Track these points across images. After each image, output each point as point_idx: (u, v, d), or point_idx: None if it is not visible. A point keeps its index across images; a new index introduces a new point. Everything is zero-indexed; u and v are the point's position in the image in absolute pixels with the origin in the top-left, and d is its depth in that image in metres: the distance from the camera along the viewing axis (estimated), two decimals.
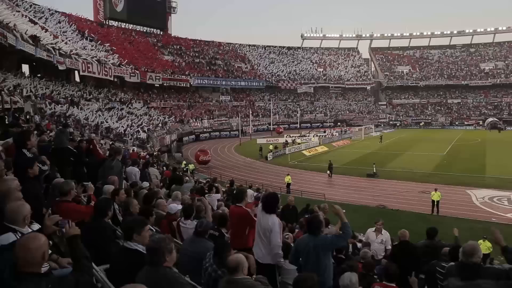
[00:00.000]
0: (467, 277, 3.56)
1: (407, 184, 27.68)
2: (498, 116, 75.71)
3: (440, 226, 18.23)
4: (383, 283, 4.74)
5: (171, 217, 6.02)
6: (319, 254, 4.40)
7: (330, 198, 23.53)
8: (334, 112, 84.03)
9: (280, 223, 4.96)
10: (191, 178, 10.46)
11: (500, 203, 22.61)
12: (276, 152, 42.67)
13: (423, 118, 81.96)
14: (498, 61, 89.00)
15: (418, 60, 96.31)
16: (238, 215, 5.57)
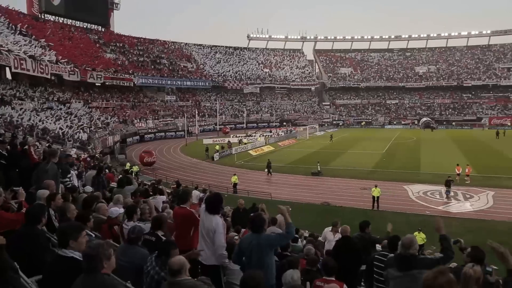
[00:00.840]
0: (404, 268, 3.80)
1: (349, 181, 28.78)
2: (431, 116, 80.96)
3: (380, 221, 19.21)
4: (323, 278, 4.89)
5: (112, 221, 5.81)
6: (262, 253, 4.44)
7: (276, 197, 23.91)
8: (280, 112, 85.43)
9: (224, 224, 4.97)
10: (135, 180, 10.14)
11: (433, 197, 24.18)
12: (223, 152, 42.60)
13: (364, 118, 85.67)
14: (430, 65, 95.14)
15: (360, 63, 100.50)
16: (183, 216, 5.50)
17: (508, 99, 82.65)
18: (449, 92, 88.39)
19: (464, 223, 19.14)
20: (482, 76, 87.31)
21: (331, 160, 37.21)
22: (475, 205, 22.39)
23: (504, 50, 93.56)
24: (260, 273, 3.27)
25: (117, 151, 41.41)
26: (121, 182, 9.09)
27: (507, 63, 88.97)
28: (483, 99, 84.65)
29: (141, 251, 4.37)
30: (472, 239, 15.56)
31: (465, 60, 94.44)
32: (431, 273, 2.17)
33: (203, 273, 4.79)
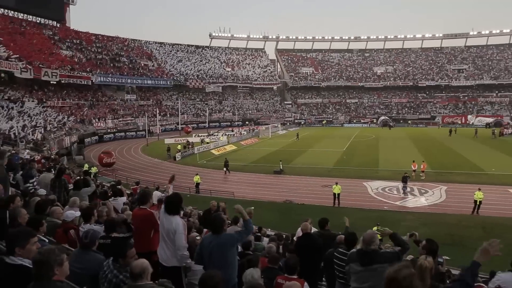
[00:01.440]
0: (366, 262, 3.93)
1: (311, 179, 29.27)
2: (388, 114, 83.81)
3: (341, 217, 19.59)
4: (284, 276, 4.93)
5: (68, 225, 5.58)
6: (223, 252, 4.44)
7: (239, 196, 23.94)
8: (242, 111, 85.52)
9: (184, 224, 4.90)
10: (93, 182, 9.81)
11: (390, 192, 25.07)
12: (185, 152, 42.12)
13: (325, 116, 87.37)
14: (388, 66, 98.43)
15: (321, 62, 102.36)
16: (142, 218, 5.39)
17: (459, 98, 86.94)
18: (405, 91, 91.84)
19: (419, 217, 19.99)
20: (435, 76, 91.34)
21: (293, 159, 37.68)
22: (430, 199, 23.42)
23: (454, 52, 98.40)
24: (219, 273, 3.26)
25: (75, 152, 39.95)
26: (77, 184, 8.77)
27: (457, 65, 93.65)
28: (436, 99, 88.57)
29: (96, 256, 4.22)
30: (427, 232, 16.28)
31: (420, 61, 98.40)
32: (395, 267, 2.25)
33: (164, 275, 4.71)
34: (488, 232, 17.62)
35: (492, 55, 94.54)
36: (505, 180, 27.41)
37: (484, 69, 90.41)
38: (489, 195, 22.19)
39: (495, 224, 18.67)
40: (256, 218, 18.01)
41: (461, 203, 21.89)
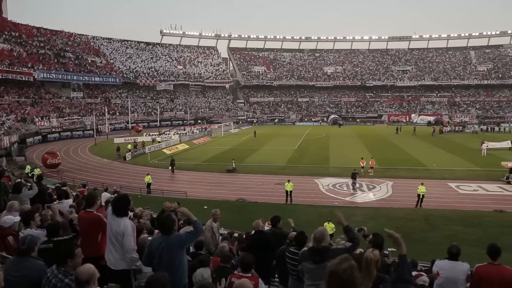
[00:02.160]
0: (318, 260, 3.96)
1: (263, 177, 29.50)
2: (338, 113, 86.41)
3: (293, 214, 19.96)
4: (239, 274, 4.92)
5: (5, 232, 5.23)
6: (172, 253, 4.34)
7: (192, 196, 23.68)
8: (194, 110, 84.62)
9: (133, 226, 4.75)
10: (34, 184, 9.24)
11: (341, 188, 25.84)
12: (135, 151, 40.98)
13: (277, 115, 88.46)
14: (337, 66, 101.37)
15: (272, 62, 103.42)
16: (89, 221, 5.17)
17: (403, 98, 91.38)
18: (354, 91, 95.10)
19: (368, 212, 20.76)
20: (382, 77, 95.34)
21: (245, 157, 37.80)
22: (377, 194, 24.40)
23: (399, 54, 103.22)
24: (165, 274, 3.19)
25: (15, 153, 37.61)
26: (16, 187, 8.25)
27: (401, 66, 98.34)
28: (383, 98, 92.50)
29: (35, 263, 3.95)
30: (374, 225, 16.96)
31: (367, 62, 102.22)
32: (335, 260, 2.29)
33: (112, 279, 4.55)
34: (431, 224, 18.67)
35: (432, 58, 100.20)
36: (445, 174, 29.18)
37: (425, 71, 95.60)
38: (431, 189, 23.51)
39: (437, 216, 19.80)
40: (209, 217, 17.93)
41: (406, 197, 23.01)
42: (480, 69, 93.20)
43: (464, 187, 25.61)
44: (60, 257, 3.67)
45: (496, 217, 19.65)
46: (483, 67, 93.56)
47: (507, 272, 4.77)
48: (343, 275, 2.20)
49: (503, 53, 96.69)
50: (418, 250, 14.65)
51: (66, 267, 3.63)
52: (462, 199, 23.12)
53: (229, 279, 4.97)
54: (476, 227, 18.04)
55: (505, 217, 19.60)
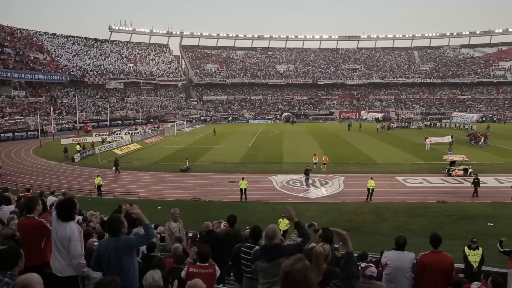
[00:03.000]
0: (271, 258, 3.97)
1: (218, 175, 29.36)
2: (291, 111, 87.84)
3: (248, 211, 20.03)
4: (196, 264, 4.96)
5: None
6: (121, 256, 4.19)
7: (145, 197, 23.12)
8: (146, 109, 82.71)
9: (80, 230, 4.54)
10: None
11: (294, 185, 26.25)
12: (84, 152, 39.37)
13: (230, 113, 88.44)
14: (289, 64, 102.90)
15: (225, 60, 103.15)
16: (30, 228, 4.87)
17: (353, 96, 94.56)
18: (306, 89, 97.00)
19: (321, 207, 21.25)
20: (333, 75, 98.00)
21: (199, 156, 37.46)
22: (330, 190, 25.05)
23: (348, 53, 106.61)
24: (115, 279, 3.08)
25: None
26: None
27: (351, 65, 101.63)
28: (334, 96, 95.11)
29: None
30: (327, 220, 17.43)
31: (319, 60, 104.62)
32: (289, 261, 2.32)
33: (59, 287, 4.34)
34: (380, 216, 19.44)
35: (379, 57, 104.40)
36: (393, 168, 30.49)
37: (373, 69, 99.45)
38: (380, 182, 24.43)
39: (386, 209, 20.63)
40: (163, 218, 17.57)
41: (357, 191, 23.77)
42: (423, 68, 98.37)
43: (410, 180, 26.89)
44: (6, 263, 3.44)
45: (439, 208, 20.81)
46: (425, 66, 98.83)
47: (446, 258, 5.18)
48: (297, 275, 2.22)
49: (443, 53, 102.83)
50: (370, 242, 15.24)
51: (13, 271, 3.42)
52: (409, 192, 24.26)
53: (187, 269, 4.97)
54: (421, 218, 19.01)
55: (447, 207, 20.80)
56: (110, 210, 11.24)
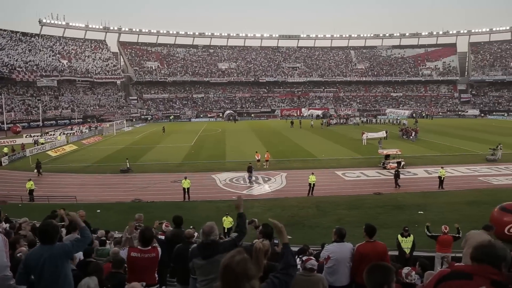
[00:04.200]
0: (208, 255, 3.93)
1: (160, 175, 28.75)
2: (233, 108, 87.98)
3: (192, 210, 19.83)
4: (137, 248, 5.12)
5: None
6: (58, 264, 3.91)
7: (82, 200, 22.05)
8: (83, 108, 78.80)
9: (5, 239, 4.21)
10: None
11: (237, 182, 26.38)
12: (13, 155, 36.69)
13: (172, 112, 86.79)
14: (231, 62, 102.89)
15: (166, 57, 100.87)
16: None
17: (294, 93, 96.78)
18: (248, 87, 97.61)
19: (264, 203, 21.55)
20: (274, 73, 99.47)
21: (140, 156, 36.42)
22: (273, 186, 25.48)
23: (289, 52, 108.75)
24: None
25: None
26: None
27: (291, 63, 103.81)
28: (275, 94, 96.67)
29: None
30: (271, 216, 17.64)
31: (260, 59, 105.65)
32: (228, 254, 2.31)
33: None
34: (322, 210, 20.10)
35: (319, 56, 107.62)
36: (333, 164, 31.64)
37: (313, 68, 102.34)
38: (320, 177, 25.27)
39: (327, 203, 21.39)
40: (102, 221, 16.89)
41: (299, 187, 24.40)
42: (359, 67, 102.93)
43: (349, 174, 28.08)
44: None
45: (375, 199, 21.95)
46: (361, 65, 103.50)
47: (380, 246, 5.53)
48: (237, 268, 2.22)
49: (377, 53, 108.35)
50: (312, 236, 15.70)
51: None
52: (347, 185, 25.33)
53: (129, 253, 5.11)
54: (359, 209, 19.93)
55: (382, 199, 22.01)
56: (43, 216, 10.56)
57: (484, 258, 2.20)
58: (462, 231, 11.70)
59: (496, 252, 2.18)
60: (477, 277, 2.17)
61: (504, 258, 2.17)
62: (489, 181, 25.87)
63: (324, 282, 4.64)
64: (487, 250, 2.20)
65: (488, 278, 2.14)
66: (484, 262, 2.19)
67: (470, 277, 2.18)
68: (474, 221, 16.67)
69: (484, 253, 2.21)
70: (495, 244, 2.23)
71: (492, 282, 2.13)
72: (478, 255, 2.23)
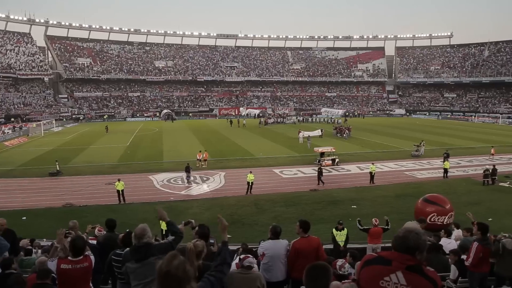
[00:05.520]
0: (141, 258, 3.80)
1: (93, 178, 27.41)
2: (171, 108, 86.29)
3: (128, 213, 19.19)
4: (68, 259, 4.79)
5: None
6: None
7: (5, 207, 20.36)
8: (5, 106, 72.76)
9: None
10: None
11: (175, 183, 25.91)
12: None
13: (106, 111, 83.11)
14: (168, 60, 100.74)
15: (99, 53, 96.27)
16: None
17: (232, 93, 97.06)
18: (186, 85, 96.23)
19: (203, 203, 21.38)
20: (212, 72, 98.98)
21: (71, 158, 34.48)
22: (211, 185, 25.34)
23: (227, 51, 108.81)
24: None
25: None
26: None
27: (229, 63, 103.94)
28: (213, 93, 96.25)
29: None
30: (210, 215, 17.60)
31: (197, 57, 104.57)
32: (164, 260, 2.29)
33: None
34: (260, 208, 20.36)
35: (256, 56, 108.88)
36: (270, 162, 32.19)
37: (251, 67, 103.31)
38: (258, 176, 25.64)
39: (265, 200, 21.71)
40: (30, 229, 15.75)
41: (238, 185, 24.52)
42: (295, 67, 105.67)
43: (286, 172, 28.72)
44: None
45: (311, 196, 22.68)
46: (298, 66, 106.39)
47: (313, 240, 5.76)
48: (178, 272, 2.20)
49: (312, 54, 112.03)
50: (251, 234, 15.88)
51: None
52: (285, 183, 25.89)
53: (58, 265, 4.79)
54: (296, 206, 20.47)
55: (318, 195, 22.79)
56: None
57: (399, 248, 2.52)
58: (391, 223, 12.50)
59: (407, 243, 2.48)
60: (395, 262, 2.48)
61: (416, 248, 2.47)
62: (414, 175, 27.85)
63: (261, 279, 4.70)
64: (400, 242, 2.52)
65: (404, 263, 2.46)
66: (400, 251, 2.51)
67: (390, 263, 2.50)
68: (401, 213, 17.91)
69: (398, 244, 2.53)
70: (408, 236, 2.51)
71: (407, 267, 2.45)
72: (395, 245, 2.56)
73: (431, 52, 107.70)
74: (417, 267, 2.45)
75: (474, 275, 6.58)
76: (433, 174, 28.25)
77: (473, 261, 6.50)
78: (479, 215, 17.82)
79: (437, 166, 30.00)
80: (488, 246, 6.58)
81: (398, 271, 2.45)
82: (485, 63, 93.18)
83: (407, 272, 2.43)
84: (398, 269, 2.45)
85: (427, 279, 2.44)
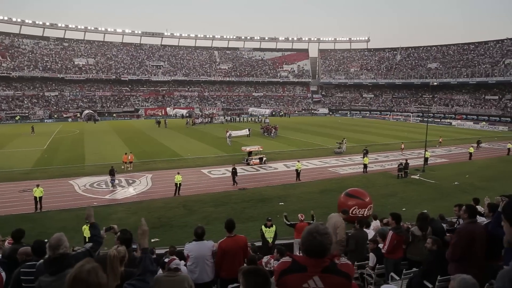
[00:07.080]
0: (56, 270, 3.49)
1: (4, 185, 25.07)
2: (93, 108, 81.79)
3: (45, 222, 17.91)
4: None
5: None
6: None
7: None
8: None
9: None
10: None
11: (99, 187, 24.64)
12: None
13: (19, 111, 76.46)
14: (89, 58, 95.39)
15: (9, 48, 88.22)
16: None
17: (158, 92, 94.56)
18: (109, 85, 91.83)
19: (129, 207, 20.60)
20: (137, 71, 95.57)
21: None
22: (138, 188, 24.48)
23: (153, 49, 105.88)
24: None
25: None
26: None
27: (155, 61, 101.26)
28: (139, 92, 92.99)
29: None
30: (136, 219, 17.01)
31: (121, 55, 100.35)
32: (76, 266, 2.18)
33: None
34: (189, 209, 20.12)
35: (183, 55, 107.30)
36: (199, 162, 31.94)
37: (177, 67, 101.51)
38: (187, 176, 25.33)
39: (194, 201, 21.49)
40: None
41: (165, 187, 24.00)
42: (222, 67, 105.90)
43: (215, 172, 28.69)
44: None
45: (240, 194, 22.90)
46: (225, 66, 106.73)
47: (240, 239, 5.85)
48: (88, 277, 2.10)
49: (239, 55, 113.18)
50: (180, 235, 15.64)
51: None
52: (214, 183, 25.85)
53: None
54: (226, 206, 20.54)
55: (247, 193, 23.09)
56: None
57: (309, 254, 2.52)
58: (316, 217, 13.07)
59: (315, 249, 2.49)
60: (310, 268, 2.50)
61: (324, 249, 2.49)
62: (337, 171, 29.37)
63: (189, 280, 4.66)
64: (308, 249, 2.52)
65: (319, 266, 2.49)
66: (311, 256, 2.52)
67: (305, 269, 2.51)
68: (325, 207, 18.81)
69: (307, 250, 2.53)
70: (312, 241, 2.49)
71: (322, 270, 2.49)
72: (304, 251, 2.56)
73: (351, 55, 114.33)
74: (331, 267, 2.50)
75: (389, 261, 7.14)
76: (354, 169, 30.02)
77: (388, 248, 7.06)
78: (395, 206, 19.40)
79: (358, 162, 31.96)
80: (402, 234, 7.17)
81: (315, 276, 2.48)
82: (398, 66, 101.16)
83: (323, 274, 2.48)
84: (314, 274, 2.48)
85: (341, 275, 2.51)
